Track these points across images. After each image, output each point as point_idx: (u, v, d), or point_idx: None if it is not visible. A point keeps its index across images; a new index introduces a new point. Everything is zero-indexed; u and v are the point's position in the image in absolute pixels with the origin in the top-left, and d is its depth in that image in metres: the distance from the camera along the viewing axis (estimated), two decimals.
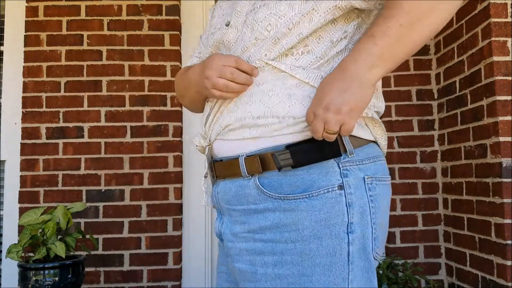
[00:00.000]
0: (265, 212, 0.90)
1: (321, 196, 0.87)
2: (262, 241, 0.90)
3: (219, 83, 0.94)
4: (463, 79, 2.33)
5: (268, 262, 0.89)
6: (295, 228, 0.87)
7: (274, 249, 0.88)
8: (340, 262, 0.86)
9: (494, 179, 2.06)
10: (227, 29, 1.00)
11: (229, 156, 0.97)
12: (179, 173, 2.52)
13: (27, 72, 2.52)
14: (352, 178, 0.89)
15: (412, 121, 2.59)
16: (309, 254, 0.86)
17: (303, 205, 0.87)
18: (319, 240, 0.86)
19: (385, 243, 0.95)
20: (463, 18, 2.32)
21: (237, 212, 0.96)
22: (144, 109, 2.53)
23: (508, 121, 2.04)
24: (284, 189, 0.89)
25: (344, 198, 0.87)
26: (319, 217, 0.86)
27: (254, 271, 0.91)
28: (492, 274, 2.09)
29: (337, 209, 0.87)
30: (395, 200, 2.54)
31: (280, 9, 0.90)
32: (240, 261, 0.94)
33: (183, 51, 2.65)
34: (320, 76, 0.91)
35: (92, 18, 2.57)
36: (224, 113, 0.98)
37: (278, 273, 0.87)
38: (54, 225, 1.95)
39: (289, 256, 0.87)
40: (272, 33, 0.91)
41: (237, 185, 0.95)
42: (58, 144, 2.48)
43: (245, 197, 0.93)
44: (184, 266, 2.55)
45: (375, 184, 0.91)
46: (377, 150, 0.96)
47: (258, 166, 0.91)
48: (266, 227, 0.89)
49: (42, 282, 1.92)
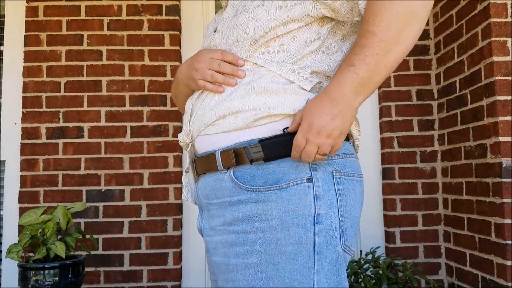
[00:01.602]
0: (238, 204, 0.94)
1: (290, 188, 0.91)
2: (235, 232, 0.94)
3: (206, 73, 1.01)
4: (463, 79, 2.33)
5: (239, 252, 0.93)
6: (264, 218, 0.91)
7: (245, 239, 0.92)
8: (306, 251, 0.90)
9: (494, 179, 2.06)
10: (214, 35, 1.08)
11: (207, 151, 1.02)
12: (179, 173, 2.52)
13: (27, 72, 2.52)
14: (321, 172, 0.94)
15: (412, 121, 2.59)
16: (276, 243, 0.90)
17: (273, 196, 0.91)
18: (286, 230, 0.90)
19: (357, 237, 0.98)
20: (463, 18, 2.32)
21: (214, 206, 1.00)
22: (144, 109, 2.53)
23: (508, 121, 2.04)
24: (257, 182, 0.93)
25: (312, 191, 0.92)
26: (287, 207, 0.91)
27: (227, 263, 0.95)
28: (492, 274, 2.09)
29: (305, 201, 0.91)
30: (395, 200, 2.55)
31: (257, 13, 0.97)
32: (216, 254, 0.98)
33: (183, 51, 2.66)
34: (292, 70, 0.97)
35: (92, 18, 2.57)
36: (206, 110, 1.02)
37: (247, 262, 0.91)
38: (54, 225, 1.95)
39: (257, 245, 0.91)
40: (250, 35, 0.98)
41: (214, 179, 0.99)
42: (58, 144, 2.49)
43: (221, 190, 0.97)
44: (184, 266, 2.55)
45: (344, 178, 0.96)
46: (348, 148, 1.01)
47: (232, 159, 0.95)
48: (239, 218, 0.93)
49: (42, 282, 1.92)
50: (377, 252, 2.46)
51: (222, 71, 1.00)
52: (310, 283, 0.90)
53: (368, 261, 2.28)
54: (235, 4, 1.05)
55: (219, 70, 1.00)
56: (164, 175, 2.50)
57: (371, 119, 2.64)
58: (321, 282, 0.90)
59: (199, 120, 1.03)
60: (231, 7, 1.06)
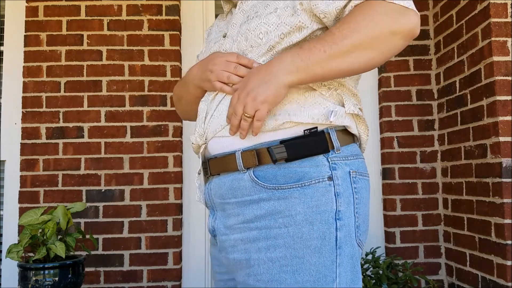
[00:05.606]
0: (260, 202, 0.97)
1: (312, 185, 0.95)
2: (257, 229, 0.97)
3: (223, 75, 1.03)
4: (463, 79, 2.33)
5: (261, 247, 0.95)
6: (288, 214, 0.94)
7: (268, 234, 0.95)
8: (329, 245, 0.94)
9: (494, 179, 2.06)
10: (224, 40, 1.11)
11: (224, 152, 1.03)
12: (179, 173, 2.52)
13: (27, 72, 2.52)
14: (340, 171, 0.98)
15: (412, 121, 2.59)
16: (301, 237, 0.93)
17: (296, 193, 0.95)
18: (311, 225, 0.94)
19: (367, 234, 1.03)
20: (463, 18, 2.32)
21: (231, 205, 1.02)
22: (144, 109, 2.53)
23: (508, 121, 2.04)
24: (278, 180, 0.97)
25: (333, 188, 0.96)
26: (310, 203, 0.94)
27: (248, 258, 0.97)
28: (492, 274, 2.09)
29: (327, 197, 0.95)
30: (395, 200, 2.55)
31: (270, 18, 1.01)
32: (235, 252, 1.00)
33: (183, 51, 2.66)
34: None
35: (92, 18, 2.57)
36: (223, 112, 1.04)
37: (270, 256, 0.94)
38: (54, 225, 1.95)
39: (282, 240, 0.94)
40: (264, 40, 1.01)
41: (232, 179, 1.02)
42: (58, 144, 2.48)
43: (240, 189, 1.00)
44: (184, 266, 2.55)
45: (358, 178, 1.01)
46: (358, 150, 1.06)
47: (254, 159, 0.98)
48: (260, 215, 0.97)
49: (42, 282, 1.92)
50: (377, 252, 2.46)
51: (238, 74, 1.02)
52: (333, 276, 0.93)
53: (368, 261, 2.28)
54: (245, 10, 1.09)
55: (236, 73, 1.02)
56: (164, 175, 2.50)
57: (371, 119, 2.64)
58: (341, 275, 0.94)
59: (215, 122, 1.05)
60: (241, 13, 1.09)
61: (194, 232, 2.58)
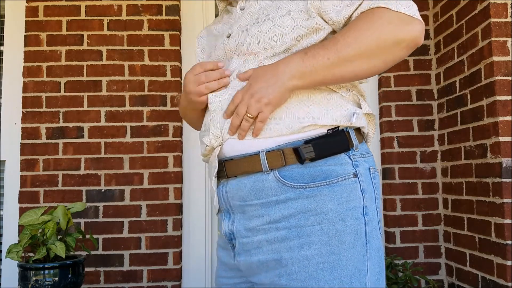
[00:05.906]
0: (287, 201, 0.98)
1: (340, 183, 0.98)
2: (285, 228, 0.97)
3: (200, 89, 1.07)
4: (463, 79, 2.33)
5: (293, 246, 0.96)
6: (320, 211, 0.96)
7: (300, 233, 0.96)
8: (361, 240, 0.97)
9: (494, 179, 2.06)
10: (228, 40, 1.11)
11: (244, 153, 1.02)
12: (179, 173, 2.52)
13: (27, 72, 2.52)
14: (361, 168, 1.01)
15: (412, 121, 2.59)
16: (335, 234, 0.95)
17: (325, 191, 0.97)
18: (343, 221, 0.96)
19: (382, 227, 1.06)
20: (463, 18, 2.32)
21: (254, 207, 1.01)
22: (144, 109, 2.53)
23: (508, 121, 2.04)
24: (305, 179, 0.98)
25: (358, 185, 0.99)
26: (341, 200, 0.97)
27: (278, 258, 0.97)
28: (492, 274, 2.09)
29: (355, 194, 0.98)
30: (395, 200, 2.55)
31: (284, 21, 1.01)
32: (260, 253, 1.00)
33: (183, 51, 2.66)
34: None
35: (92, 18, 2.57)
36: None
37: (305, 254, 0.95)
38: (54, 225, 1.95)
39: (316, 237, 0.95)
40: (279, 43, 1.02)
41: (253, 180, 1.01)
42: (58, 144, 2.48)
43: (264, 190, 1.00)
44: (184, 266, 2.55)
45: (375, 174, 1.05)
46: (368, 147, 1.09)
47: (281, 159, 0.98)
48: (289, 214, 0.97)
49: (42, 282, 1.92)
50: None
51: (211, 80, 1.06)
52: (365, 269, 0.96)
53: None
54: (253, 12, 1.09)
55: (208, 80, 1.06)
56: (164, 175, 2.50)
57: None
58: (371, 268, 0.97)
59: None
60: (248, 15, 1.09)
61: (194, 232, 2.58)
